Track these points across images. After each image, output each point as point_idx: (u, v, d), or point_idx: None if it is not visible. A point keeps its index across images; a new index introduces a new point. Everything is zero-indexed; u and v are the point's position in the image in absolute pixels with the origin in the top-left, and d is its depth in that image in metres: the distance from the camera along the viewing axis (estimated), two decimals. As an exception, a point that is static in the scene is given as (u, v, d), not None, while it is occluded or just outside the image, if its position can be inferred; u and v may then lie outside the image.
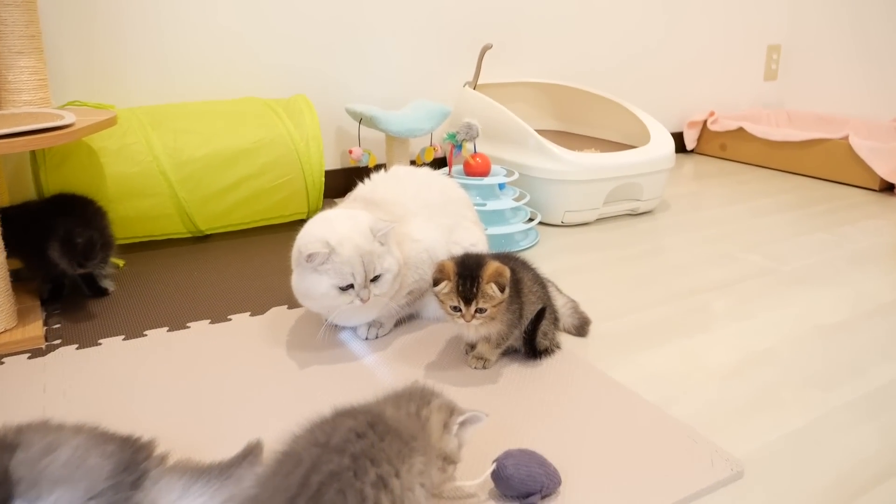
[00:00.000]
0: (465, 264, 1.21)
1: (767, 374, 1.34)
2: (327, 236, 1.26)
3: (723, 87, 3.50)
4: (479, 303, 1.19)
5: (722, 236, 2.14)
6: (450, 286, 1.20)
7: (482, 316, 1.21)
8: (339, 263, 1.25)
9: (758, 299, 1.68)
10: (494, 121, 2.29)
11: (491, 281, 1.19)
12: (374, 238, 1.29)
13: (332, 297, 1.27)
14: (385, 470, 0.75)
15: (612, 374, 1.31)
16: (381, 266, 1.29)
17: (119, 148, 1.85)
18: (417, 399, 0.91)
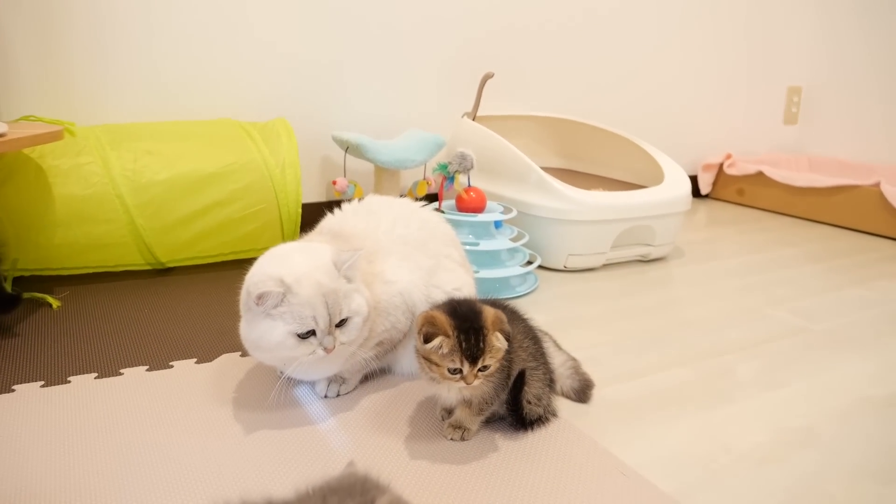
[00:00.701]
0: (461, 314, 1.00)
1: (808, 459, 1.10)
2: (281, 273, 1.05)
3: (739, 129, 3.31)
4: (485, 360, 0.99)
5: (743, 289, 1.91)
6: (449, 344, 0.98)
7: (483, 375, 1.01)
8: (296, 305, 1.03)
9: (790, 364, 1.44)
10: (492, 154, 2.09)
11: (496, 329, 0.99)
12: (338, 274, 1.07)
13: (289, 346, 1.04)
14: None
15: (618, 454, 1.08)
16: (348, 308, 1.07)
17: (71, 167, 1.66)
18: (358, 496, 0.68)
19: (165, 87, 2.01)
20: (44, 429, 1.09)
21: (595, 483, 1.00)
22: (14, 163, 1.61)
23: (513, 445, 1.09)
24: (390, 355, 1.28)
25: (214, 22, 2.04)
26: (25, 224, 1.62)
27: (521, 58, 2.61)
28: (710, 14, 3.03)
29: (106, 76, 1.93)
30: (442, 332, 0.98)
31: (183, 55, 2.02)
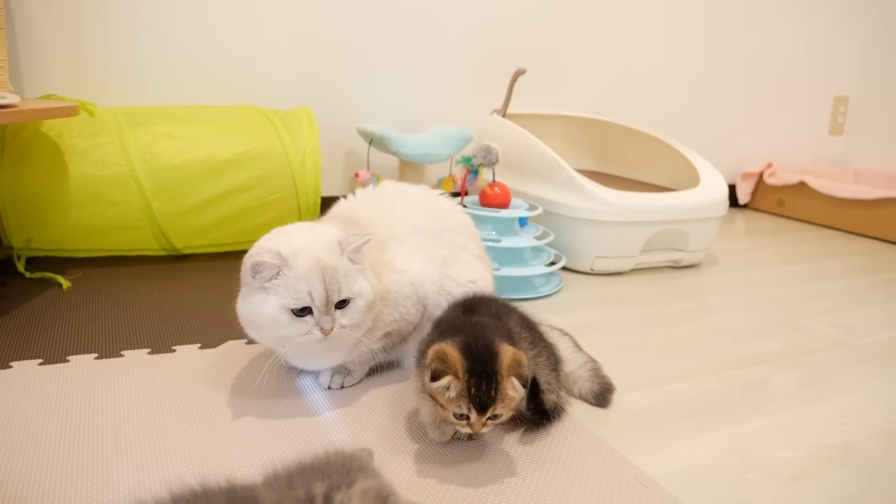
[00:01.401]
0: (475, 354, 0.89)
1: (846, 479, 1.00)
2: (279, 246, 1.00)
3: (782, 138, 3.18)
4: (496, 409, 0.88)
5: (781, 300, 1.81)
6: (458, 387, 0.87)
7: (494, 423, 0.90)
8: (292, 279, 0.97)
9: (829, 378, 1.34)
10: (522, 151, 2.02)
11: (512, 374, 0.88)
12: (341, 253, 1.01)
13: (283, 323, 0.98)
14: None
15: (638, 463, 1.00)
16: (349, 288, 1.01)
17: (88, 147, 1.63)
18: (334, 476, 0.62)
19: (189, 73, 1.99)
20: (35, 405, 1.05)
21: (611, 492, 0.92)
22: (31, 141, 1.59)
23: (524, 449, 1.01)
24: (399, 348, 1.22)
25: (241, 8, 2.01)
26: (39, 203, 1.59)
27: (555, 56, 2.53)
28: (756, 20, 2.92)
29: (130, 60, 1.92)
30: (452, 371, 0.87)
31: (208, 42, 1.99)
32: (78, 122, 1.65)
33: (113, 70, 1.90)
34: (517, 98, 2.38)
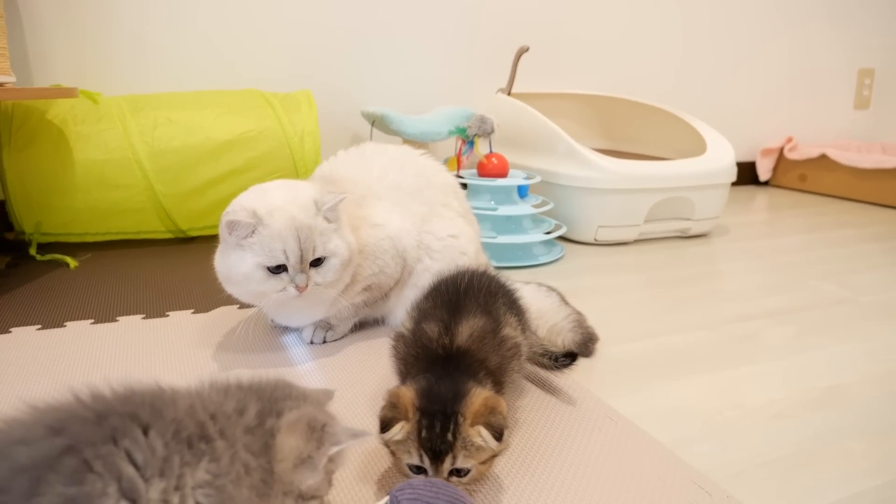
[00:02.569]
0: (435, 393, 0.72)
1: (830, 417, 0.98)
2: (255, 205, 1.02)
3: (804, 114, 3.11)
4: (456, 459, 0.70)
5: (790, 264, 1.76)
6: (406, 430, 0.71)
7: (460, 481, 0.72)
8: (266, 237, 0.99)
9: (827, 330, 1.31)
10: (523, 127, 2.02)
11: (480, 422, 0.70)
12: (317, 212, 1.03)
13: (258, 280, 1.01)
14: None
15: (616, 406, 0.98)
16: (324, 247, 1.02)
17: (91, 132, 1.69)
18: (267, 401, 0.62)
19: (193, 62, 2.04)
20: (29, 364, 1.08)
21: (579, 428, 0.91)
22: (37, 128, 1.65)
23: (496, 391, 1.01)
24: (383, 305, 1.23)
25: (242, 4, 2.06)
26: (46, 187, 1.65)
27: (563, 32, 2.52)
28: (767, -10, 2.87)
29: (134, 50, 1.97)
30: (402, 415, 0.71)
31: (212, 31, 2.04)
32: (82, 110, 1.71)
33: (117, 61, 1.96)
34: (524, 78, 2.37)
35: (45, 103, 1.69)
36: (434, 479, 0.68)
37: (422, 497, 0.64)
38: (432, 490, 0.65)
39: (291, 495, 0.59)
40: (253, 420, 0.59)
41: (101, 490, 0.46)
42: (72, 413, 0.50)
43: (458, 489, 0.67)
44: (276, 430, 0.60)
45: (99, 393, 0.53)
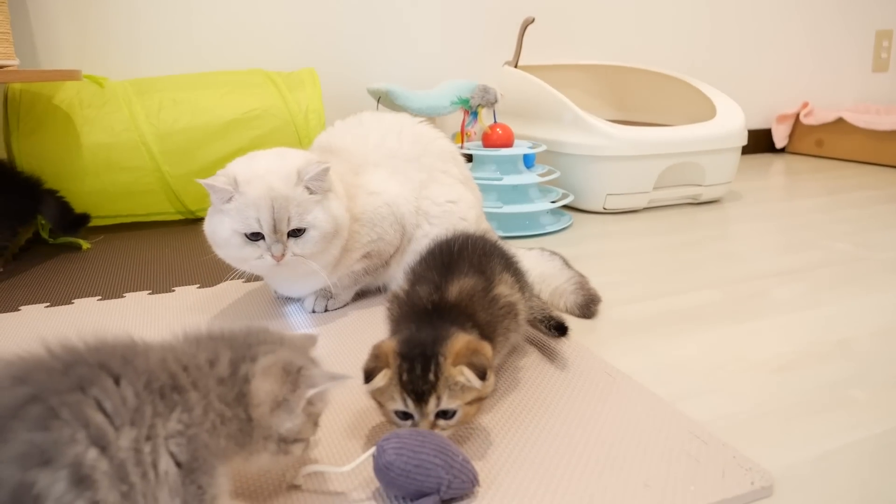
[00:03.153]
0: (414, 339, 0.72)
1: (836, 369, 0.96)
2: (237, 171, 1.02)
3: (821, 79, 3.04)
4: (441, 400, 0.69)
5: (804, 226, 1.73)
6: (388, 376, 0.70)
7: (449, 424, 0.71)
8: (242, 205, 1.00)
9: (839, 286, 1.28)
10: (530, 99, 2.00)
11: (461, 362, 0.70)
12: (297, 182, 1.02)
13: (236, 245, 1.02)
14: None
15: (615, 363, 0.97)
16: (300, 218, 1.02)
17: (98, 116, 1.70)
18: (240, 348, 0.62)
19: (198, 45, 2.05)
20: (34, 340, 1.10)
21: (575, 382, 0.91)
22: (44, 113, 1.67)
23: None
24: (384, 273, 1.23)
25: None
26: (55, 172, 1.67)
27: (569, 1, 2.49)
28: (779, -48, 2.80)
29: (139, 35, 1.98)
30: (383, 363, 0.71)
31: (216, 11, 2.05)
32: (88, 94, 1.73)
33: (122, 45, 1.97)
34: (533, 50, 2.35)
35: (51, 88, 1.71)
36: (421, 430, 0.68)
37: (407, 445, 0.64)
38: (418, 438, 0.65)
39: (272, 439, 0.59)
40: (226, 370, 0.59)
41: (70, 436, 0.47)
42: (39, 363, 0.51)
43: (444, 438, 0.67)
44: (250, 375, 0.60)
45: (69, 344, 0.54)
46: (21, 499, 0.44)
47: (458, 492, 0.65)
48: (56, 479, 0.45)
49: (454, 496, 0.65)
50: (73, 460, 0.46)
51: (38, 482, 0.45)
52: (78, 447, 0.47)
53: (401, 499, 0.66)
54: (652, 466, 0.72)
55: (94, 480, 0.47)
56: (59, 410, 0.47)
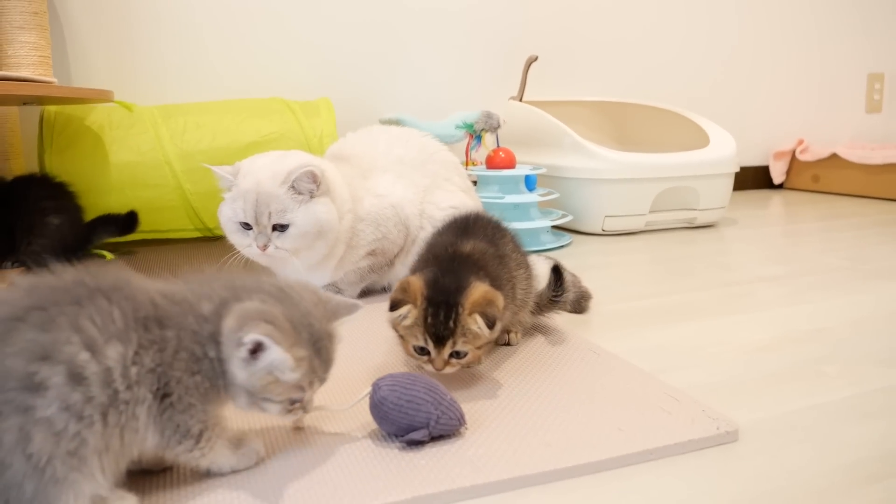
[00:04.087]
0: (440, 285, 0.83)
1: (809, 350, 1.02)
2: (242, 166, 1.15)
3: (816, 118, 3.14)
4: (456, 344, 0.82)
5: (794, 243, 1.80)
6: (414, 315, 0.82)
7: (459, 363, 0.84)
8: (236, 194, 1.13)
9: (820, 289, 1.35)
10: (533, 128, 2.11)
11: (476, 311, 0.81)
12: (285, 181, 1.10)
13: (231, 230, 1.15)
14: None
15: (603, 346, 1.04)
16: (280, 215, 1.11)
17: (126, 136, 1.82)
18: (239, 293, 0.66)
19: (221, 75, 2.18)
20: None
21: (562, 359, 0.97)
22: (76, 133, 1.79)
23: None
24: (388, 272, 1.31)
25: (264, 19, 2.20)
26: (84, 187, 1.77)
27: (575, 40, 2.62)
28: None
29: (167, 65, 2.12)
30: (411, 299, 0.82)
31: (240, 45, 2.19)
32: (117, 117, 1.85)
33: (152, 75, 2.11)
34: (538, 86, 2.47)
35: (84, 111, 1.83)
36: (412, 373, 0.75)
37: (400, 383, 0.71)
38: (410, 378, 0.72)
39: (242, 390, 0.64)
40: (210, 309, 0.64)
41: (66, 339, 0.55)
42: (47, 283, 0.59)
43: (433, 379, 0.74)
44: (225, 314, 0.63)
45: (75, 271, 0.61)
46: (27, 385, 0.53)
47: (445, 428, 0.72)
48: (54, 372, 0.54)
49: (442, 432, 0.72)
50: (68, 358, 0.55)
51: (40, 372, 0.53)
52: (72, 348, 0.55)
53: (394, 437, 0.73)
54: (627, 417, 0.78)
55: (86, 378, 0.55)
56: (58, 318, 0.56)
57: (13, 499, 0.52)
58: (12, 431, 0.52)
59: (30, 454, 0.52)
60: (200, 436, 0.63)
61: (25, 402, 0.53)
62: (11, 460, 0.52)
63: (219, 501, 0.63)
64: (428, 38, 2.41)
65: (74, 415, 0.54)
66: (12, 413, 0.52)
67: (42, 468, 0.53)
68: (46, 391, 0.53)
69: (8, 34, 1.60)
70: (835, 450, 0.73)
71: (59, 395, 0.54)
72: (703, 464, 0.71)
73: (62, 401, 0.54)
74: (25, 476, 0.52)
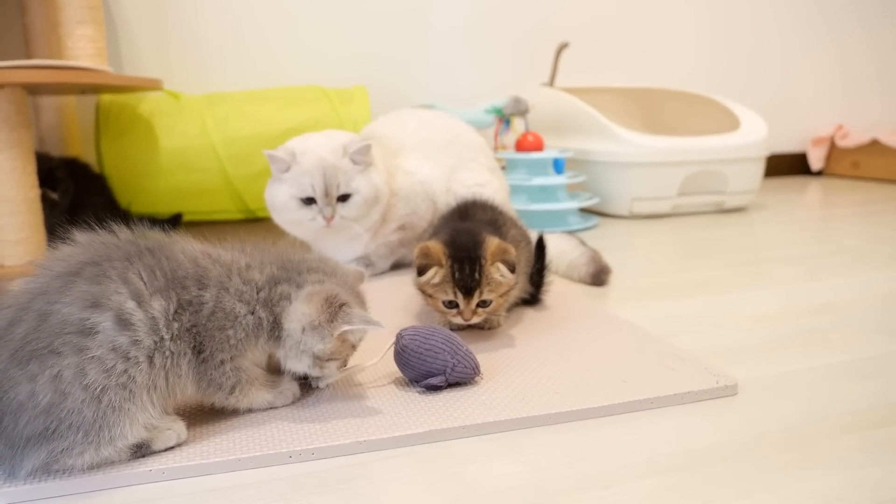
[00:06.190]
0: (458, 243, 0.91)
1: (815, 320, 1.06)
2: (294, 146, 1.21)
3: (854, 103, 3.10)
4: (483, 293, 0.90)
5: (824, 228, 1.82)
6: (441, 273, 0.90)
7: (485, 311, 0.93)
8: (298, 173, 1.19)
9: (838, 268, 1.37)
10: (563, 114, 2.15)
11: (497, 260, 0.90)
12: (344, 154, 1.20)
13: (292, 209, 1.20)
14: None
15: (617, 314, 1.09)
16: (347, 185, 1.19)
17: (174, 124, 1.93)
18: (290, 271, 0.75)
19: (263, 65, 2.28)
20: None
21: (578, 323, 1.03)
22: (129, 120, 1.91)
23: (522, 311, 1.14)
24: (417, 247, 1.38)
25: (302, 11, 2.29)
26: (136, 171, 1.89)
27: (607, 26, 2.65)
28: (811, -16, 2.92)
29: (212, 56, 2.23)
30: (435, 261, 0.91)
31: (281, 36, 2.28)
32: (166, 106, 1.96)
33: (199, 66, 2.22)
34: (569, 73, 2.50)
35: (136, 100, 1.95)
36: (432, 325, 0.82)
37: (420, 333, 0.79)
38: (430, 330, 0.79)
39: (307, 354, 0.71)
40: (261, 278, 0.72)
41: (114, 290, 0.64)
42: (102, 241, 0.68)
43: (450, 332, 0.81)
44: (293, 297, 0.72)
45: (128, 233, 0.70)
46: (81, 330, 0.62)
47: (461, 376, 0.78)
48: (104, 318, 0.62)
49: (458, 379, 0.79)
50: (116, 306, 0.63)
51: (91, 318, 0.62)
52: (120, 297, 0.64)
53: (414, 382, 0.80)
54: (632, 371, 0.84)
55: (132, 324, 0.63)
56: (109, 272, 0.65)
57: (75, 422, 0.61)
58: (71, 368, 0.60)
59: (86, 385, 0.61)
60: (234, 388, 0.71)
61: (80, 343, 0.61)
62: (71, 390, 0.60)
63: (259, 427, 0.71)
64: (460, 26, 2.47)
65: (121, 355, 0.62)
66: (70, 353, 0.61)
67: (98, 397, 0.61)
68: (97, 335, 0.62)
69: (67, 28, 1.71)
70: (826, 403, 0.78)
71: (108, 338, 0.62)
72: (700, 412, 0.76)
73: (111, 343, 0.62)
74: (84, 403, 0.61)
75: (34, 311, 0.62)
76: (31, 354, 0.60)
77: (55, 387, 0.60)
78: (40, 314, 0.62)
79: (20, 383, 0.60)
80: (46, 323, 0.61)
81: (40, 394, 0.60)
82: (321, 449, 0.67)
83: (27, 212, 1.40)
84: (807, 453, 0.67)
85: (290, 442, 0.68)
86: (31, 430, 0.60)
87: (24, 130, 1.40)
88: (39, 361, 0.60)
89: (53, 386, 0.60)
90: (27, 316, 0.62)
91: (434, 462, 0.66)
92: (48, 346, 0.60)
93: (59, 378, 0.60)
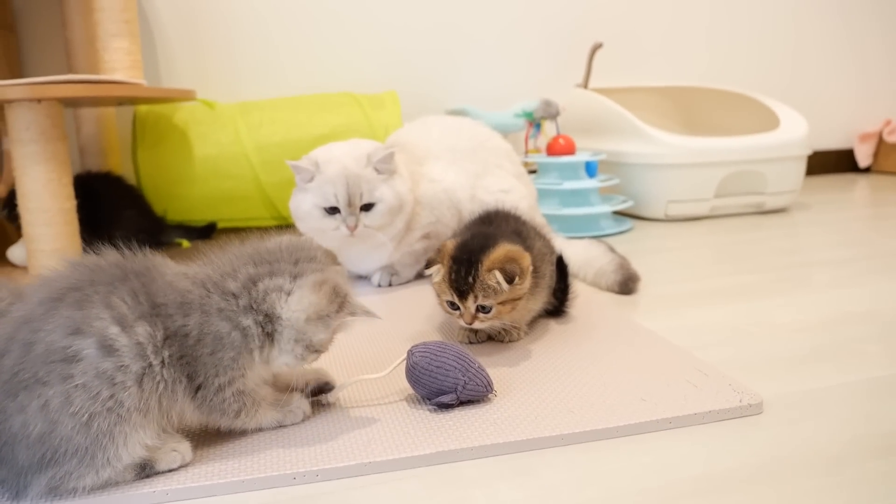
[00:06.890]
0: (467, 245, 0.92)
1: (856, 331, 1.02)
2: (317, 155, 1.21)
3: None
4: (478, 298, 0.90)
5: (870, 228, 1.74)
6: (441, 272, 0.92)
7: (486, 317, 0.91)
8: (322, 182, 1.19)
9: (882, 273, 1.32)
10: (597, 115, 2.12)
11: (494, 268, 0.88)
12: (367, 164, 1.20)
13: (316, 218, 1.20)
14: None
15: (643, 324, 1.07)
16: (370, 194, 1.19)
17: (208, 132, 1.96)
18: (297, 255, 0.74)
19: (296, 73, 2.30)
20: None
21: (603, 333, 1.01)
22: (165, 129, 1.94)
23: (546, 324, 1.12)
24: (442, 255, 1.37)
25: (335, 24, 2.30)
26: (171, 178, 1.93)
27: (643, 26, 2.60)
28: (858, -27, 2.81)
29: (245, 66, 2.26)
30: (440, 259, 0.93)
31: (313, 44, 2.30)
32: (201, 114, 1.99)
33: (232, 75, 2.25)
34: (604, 73, 2.46)
35: (171, 110, 1.98)
36: (443, 341, 0.81)
37: (431, 350, 0.78)
38: (441, 346, 0.78)
39: (301, 343, 0.70)
40: (238, 286, 0.70)
41: (97, 315, 0.63)
42: (87, 265, 0.68)
43: (462, 348, 0.79)
44: (290, 288, 0.71)
45: (115, 256, 0.70)
46: (65, 357, 0.62)
47: (473, 394, 0.77)
48: (87, 344, 0.62)
49: (470, 397, 0.77)
50: (99, 332, 0.63)
51: (74, 345, 0.62)
52: (103, 322, 0.63)
53: (426, 400, 0.79)
54: (651, 388, 0.82)
55: (116, 350, 0.63)
56: (92, 297, 0.64)
57: (69, 449, 0.61)
58: (58, 396, 0.61)
59: (73, 413, 0.61)
60: (239, 412, 0.70)
61: (65, 371, 0.61)
62: (59, 418, 0.61)
63: (265, 447, 0.71)
64: (491, 30, 2.45)
65: (107, 381, 0.62)
66: (56, 381, 0.61)
67: (87, 423, 0.61)
68: (80, 362, 0.62)
69: (104, 41, 1.75)
70: (858, 424, 0.74)
71: (92, 364, 0.62)
72: (721, 432, 0.73)
73: (95, 368, 0.62)
74: (74, 430, 0.61)
75: (19, 340, 0.63)
76: (19, 385, 0.61)
77: (44, 416, 0.61)
78: (25, 343, 0.62)
79: (12, 415, 0.61)
80: (32, 352, 0.62)
81: (31, 424, 0.61)
82: (326, 471, 0.67)
83: (63, 222, 1.44)
84: (834, 479, 0.64)
85: (295, 463, 0.67)
86: (29, 458, 0.61)
87: (61, 143, 1.44)
88: (28, 392, 0.61)
89: (43, 415, 0.61)
90: (13, 346, 0.63)
91: (441, 486, 0.65)
92: (34, 375, 0.61)
93: (47, 407, 0.61)
